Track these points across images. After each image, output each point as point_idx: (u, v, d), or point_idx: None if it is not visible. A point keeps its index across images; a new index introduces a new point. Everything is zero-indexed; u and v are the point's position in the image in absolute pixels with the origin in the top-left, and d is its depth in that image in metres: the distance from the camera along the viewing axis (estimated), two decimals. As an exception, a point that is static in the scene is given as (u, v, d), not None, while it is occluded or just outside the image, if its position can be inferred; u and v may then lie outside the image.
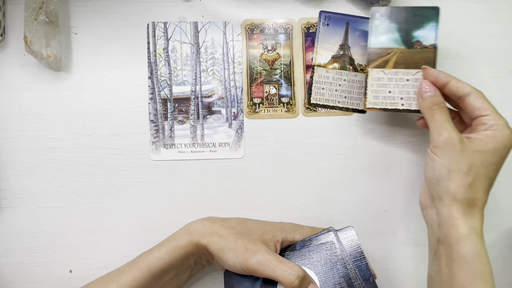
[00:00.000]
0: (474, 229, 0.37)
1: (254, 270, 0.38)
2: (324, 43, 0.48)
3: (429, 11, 0.45)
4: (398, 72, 0.45)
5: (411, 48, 0.45)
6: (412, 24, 0.45)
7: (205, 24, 0.49)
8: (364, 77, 0.46)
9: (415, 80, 0.44)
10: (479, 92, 0.40)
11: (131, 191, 0.48)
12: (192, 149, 0.48)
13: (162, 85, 0.48)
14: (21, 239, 0.47)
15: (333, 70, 0.48)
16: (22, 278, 0.47)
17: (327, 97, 0.48)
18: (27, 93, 0.47)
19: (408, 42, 0.45)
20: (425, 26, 0.45)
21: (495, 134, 0.38)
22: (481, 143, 0.38)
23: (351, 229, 0.42)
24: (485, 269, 0.36)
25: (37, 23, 0.44)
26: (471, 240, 0.36)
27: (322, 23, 0.48)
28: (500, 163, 0.38)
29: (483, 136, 0.38)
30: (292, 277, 0.36)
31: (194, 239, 0.41)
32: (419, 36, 0.45)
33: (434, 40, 0.44)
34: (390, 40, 0.45)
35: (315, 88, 0.48)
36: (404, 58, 0.44)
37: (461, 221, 0.37)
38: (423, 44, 0.44)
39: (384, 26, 0.45)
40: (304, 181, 0.49)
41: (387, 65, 0.45)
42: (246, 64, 0.49)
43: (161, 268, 0.40)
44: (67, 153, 0.47)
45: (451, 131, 0.38)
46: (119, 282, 0.39)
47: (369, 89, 0.45)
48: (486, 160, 0.38)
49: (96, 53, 0.48)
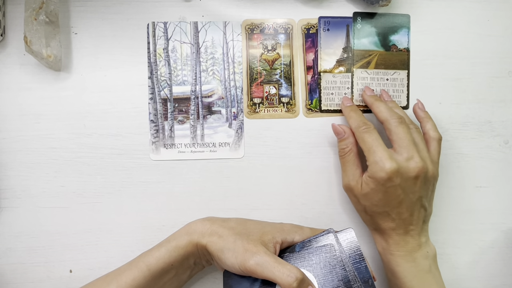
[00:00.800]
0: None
1: (253, 271, 0.38)
2: (327, 48, 0.48)
3: (402, 18, 0.49)
4: (379, 72, 0.49)
5: (389, 51, 0.49)
6: (388, 29, 0.49)
7: (205, 24, 0.49)
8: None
9: (393, 79, 0.49)
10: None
11: (131, 191, 0.48)
12: (192, 149, 0.48)
13: (162, 85, 0.48)
14: (21, 239, 0.47)
15: (339, 74, 0.49)
16: (22, 278, 0.47)
17: (338, 102, 0.49)
18: (27, 93, 0.47)
19: (386, 45, 0.49)
20: (399, 31, 0.49)
21: (371, 174, 0.42)
22: (364, 186, 0.43)
23: (351, 231, 0.42)
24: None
25: (37, 23, 0.44)
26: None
27: (323, 28, 0.48)
28: (389, 195, 0.41)
29: (365, 178, 0.43)
30: (291, 279, 0.36)
31: (193, 239, 0.41)
32: (394, 40, 0.49)
33: (407, 44, 0.49)
34: (370, 43, 0.49)
35: (324, 95, 0.49)
36: (383, 59, 0.49)
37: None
38: (398, 47, 0.49)
39: (365, 30, 0.49)
40: (304, 181, 0.49)
41: (369, 65, 0.49)
42: (246, 64, 0.49)
43: (161, 268, 0.40)
44: (67, 153, 0.47)
45: (347, 179, 0.45)
46: (119, 282, 0.39)
47: (355, 88, 0.49)
48: (372, 199, 0.42)
49: (96, 53, 0.48)
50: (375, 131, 0.43)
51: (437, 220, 0.49)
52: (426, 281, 0.42)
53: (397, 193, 0.41)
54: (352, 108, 0.46)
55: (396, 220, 0.42)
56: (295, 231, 0.43)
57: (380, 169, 0.40)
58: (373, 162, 0.41)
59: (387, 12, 0.49)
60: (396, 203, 0.41)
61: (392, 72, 0.49)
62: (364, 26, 0.49)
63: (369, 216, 0.44)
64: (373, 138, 0.42)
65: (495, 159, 0.50)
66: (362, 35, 0.49)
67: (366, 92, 0.47)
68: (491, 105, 0.50)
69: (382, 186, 0.41)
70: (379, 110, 0.44)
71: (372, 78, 0.49)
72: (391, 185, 0.41)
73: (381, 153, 0.41)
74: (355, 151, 0.45)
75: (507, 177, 0.50)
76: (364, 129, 0.43)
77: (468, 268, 0.50)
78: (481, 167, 0.50)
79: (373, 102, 0.46)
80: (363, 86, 0.49)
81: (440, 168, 0.49)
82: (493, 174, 0.50)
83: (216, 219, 0.43)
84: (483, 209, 0.50)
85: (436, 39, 0.50)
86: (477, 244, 0.50)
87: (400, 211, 0.42)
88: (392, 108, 0.45)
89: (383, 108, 0.44)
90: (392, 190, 0.41)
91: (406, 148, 0.41)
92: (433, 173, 0.43)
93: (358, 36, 0.49)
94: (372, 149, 0.41)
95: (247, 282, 0.40)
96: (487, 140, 0.50)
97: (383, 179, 0.40)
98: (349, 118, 0.45)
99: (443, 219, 0.49)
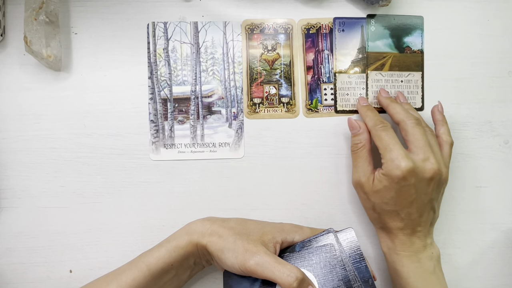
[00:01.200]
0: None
1: (253, 271, 0.38)
2: (342, 49, 0.49)
3: (415, 20, 0.50)
4: (393, 74, 0.49)
5: (403, 53, 0.49)
6: (402, 31, 0.49)
7: (205, 24, 0.49)
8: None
9: (408, 81, 0.49)
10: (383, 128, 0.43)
11: (131, 191, 0.48)
12: (192, 149, 0.48)
13: (162, 85, 0.48)
14: (21, 239, 0.47)
15: (354, 74, 0.49)
16: (22, 278, 0.47)
17: (353, 102, 0.49)
18: (27, 93, 0.47)
19: (400, 47, 0.50)
20: (412, 33, 0.49)
21: (386, 171, 0.41)
22: (376, 183, 0.42)
23: (351, 231, 0.42)
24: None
25: (37, 23, 0.44)
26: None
27: (338, 29, 0.48)
28: (401, 194, 0.41)
29: (378, 175, 0.42)
30: (291, 279, 0.36)
31: (193, 239, 0.41)
32: (408, 42, 0.49)
33: (421, 45, 0.49)
34: (384, 45, 0.49)
35: (339, 95, 0.49)
36: (397, 61, 0.49)
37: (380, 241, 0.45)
38: (412, 49, 0.49)
39: (378, 32, 0.49)
40: (304, 181, 0.49)
41: (384, 67, 0.49)
42: (246, 64, 0.49)
43: (161, 268, 0.40)
44: (67, 153, 0.47)
45: (357, 175, 0.44)
46: (119, 282, 0.39)
47: (370, 90, 0.49)
48: (383, 197, 0.42)
49: (96, 53, 0.48)
50: (391, 130, 0.43)
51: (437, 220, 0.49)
52: (431, 282, 0.42)
53: (410, 193, 0.41)
54: (368, 108, 0.46)
55: (405, 220, 0.42)
56: (295, 231, 0.43)
57: (396, 167, 0.40)
58: (389, 159, 0.41)
59: (401, 14, 0.49)
60: (408, 203, 0.41)
61: (406, 74, 0.49)
62: (378, 28, 0.49)
63: (377, 214, 0.44)
64: (390, 137, 0.42)
65: (495, 159, 0.50)
66: (376, 37, 0.49)
67: (381, 93, 0.47)
68: (491, 105, 0.50)
69: (396, 184, 0.41)
70: (396, 111, 0.44)
71: (387, 80, 0.49)
72: (405, 184, 0.40)
73: (397, 151, 0.41)
74: (368, 148, 0.44)
75: (507, 177, 0.50)
76: (381, 127, 0.43)
77: (468, 268, 0.50)
78: (481, 167, 0.50)
79: (389, 103, 0.46)
80: (377, 88, 0.49)
81: (440, 168, 0.50)
82: (493, 174, 0.50)
83: (216, 219, 0.43)
84: (483, 209, 0.50)
85: (436, 39, 0.50)
86: (477, 244, 0.50)
87: (410, 211, 0.42)
88: (408, 110, 0.45)
89: (400, 109, 0.44)
90: (406, 189, 0.41)
91: (422, 149, 0.41)
92: (446, 177, 0.43)
93: (372, 38, 0.49)
94: (389, 147, 0.41)
95: (247, 282, 0.40)
96: (487, 140, 0.50)
97: (398, 177, 0.40)
98: (366, 117, 0.45)
99: (443, 219, 0.49)
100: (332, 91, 0.49)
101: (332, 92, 0.49)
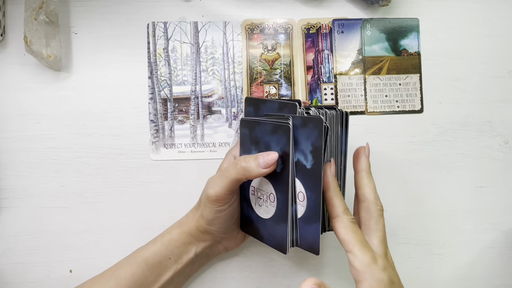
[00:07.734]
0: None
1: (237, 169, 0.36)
2: (342, 51, 0.49)
3: (411, 22, 0.50)
4: (391, 78, 0.49)
5: (400, 56, 0.49)
6: (398, 34, 0.50)
7: (205, 24, 0.49)
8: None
9: (406, 84, 0.49)
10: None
11: (131, 191, 0.48)
12: (192, 149, 0.48)
13: (162, 85, 0.48)
14: (21, 239, 0.47)
15: (355, 76, 0.49)
16: (22, 278, 0.47)
17: (354, 103, 0.49)
18: (27, 93, 0.47)
19: (397, 50, 0.50)
20: (408, 36, 0.50)
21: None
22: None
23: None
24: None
25: (37, 23, 0.44)
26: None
27: (337, 31, 0.48)
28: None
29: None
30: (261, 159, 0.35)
31: (184, 229, 0.42)
32: (405, 44, 0.50)
33: (418, 47, 0.49)
34: (381, 49, 0.49)
35: (340, 97, 0.49)
36: (395, 64, 0.50)
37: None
38: (409, 52, 0.49)
39: (374, 36, 0.49)
40: (304, 181, 0.49)
41: (381, 71, 0.49)
42: (246, 64, 0.49)
43: (158, 261, 0.40)
44: (67, 153, 0.47)
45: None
46: (117, 278, 0.40)
47: (368, 95, 0.49)
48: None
49: (96, 53, 0.48)
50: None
51: (437, 220, 0.49)
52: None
53: None
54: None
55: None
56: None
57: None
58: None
59: (396, 17, 0.50)
60: None
61: (404, 77, 0.49)
62: (374, 32, 0.49)
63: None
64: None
65: (495, 159, 0.50)
66: (372, 41, 0.49)
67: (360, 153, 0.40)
68: (491, 105, 0.50)
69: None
70: (369, 187, 0.37)
71: (385, 84, 0.49)
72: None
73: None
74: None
75: (507, 177, 0.50)
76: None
77: (468, 268, 0.50)
78: (481, 167, 0.50)
79: (362, 173, 0.38)
80: (376, 92, 0.49)
81: (440, 168, 0.50)
82: (493, 174, 0.50)
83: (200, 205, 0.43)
84: (483, 209, 0.50)
85: (436, 39, 0.50)
86: (477, 244, 0.50)
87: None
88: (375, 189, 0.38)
89: (372, 187, 0.38)
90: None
91: (383, 243, 0.37)
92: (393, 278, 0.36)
93: (368, 42, 0.49)
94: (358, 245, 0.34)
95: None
96: (487, 140, 0.50)
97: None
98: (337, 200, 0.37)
99: (443, 219, 0.49)
100: (332, 91, 0.49)
101: (332, 92, 0.49)
